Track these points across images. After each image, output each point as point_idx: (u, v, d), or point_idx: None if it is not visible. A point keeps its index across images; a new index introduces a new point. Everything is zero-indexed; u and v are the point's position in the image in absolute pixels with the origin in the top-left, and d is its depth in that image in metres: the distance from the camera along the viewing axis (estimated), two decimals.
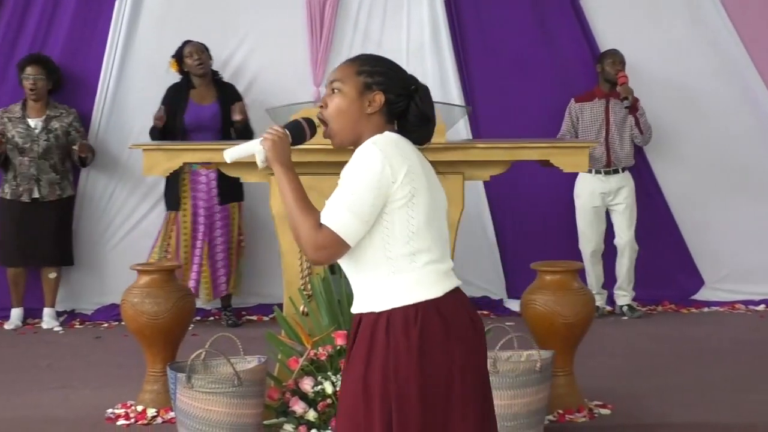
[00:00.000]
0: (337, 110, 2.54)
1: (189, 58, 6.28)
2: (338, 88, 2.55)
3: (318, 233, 2.42)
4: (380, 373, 2.42)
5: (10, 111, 6.35)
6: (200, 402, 3.73)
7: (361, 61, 2.61)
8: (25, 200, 6.28)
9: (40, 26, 6.61)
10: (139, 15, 6.61)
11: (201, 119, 6.24)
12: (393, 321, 2.43)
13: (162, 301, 4.35)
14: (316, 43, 6.67)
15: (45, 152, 6.28)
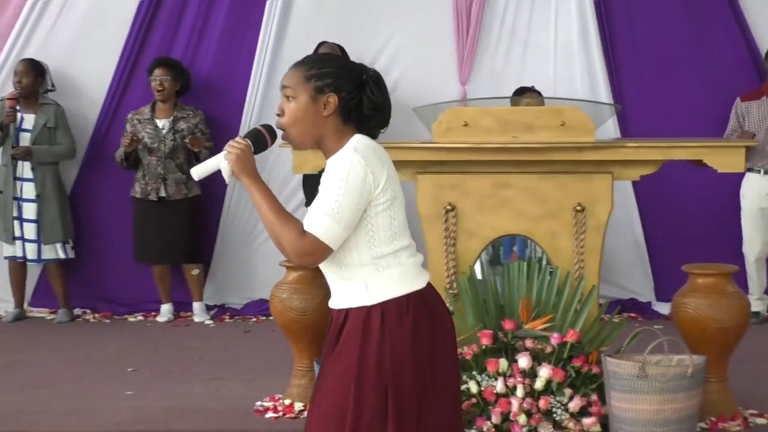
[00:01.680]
0: (293, 118, 2.58)
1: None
2: (291, 95, 2.58)
3: (303, 240, 2.50)
4: (374, 362, 2.51)
5: (140, 113, 6.53)
6: None
7: (307, 65, 2.61)
8: (153, 199, 6.46)
9: (194, 30, 6.79)
10: (288, 19, 6.73)
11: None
12: (387, 312, 2.53)
13: (309, 297, 4.42)
14: (462, 42, 6.66)
15: (171, 152, 6.45)
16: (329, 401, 2.55)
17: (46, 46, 6.76)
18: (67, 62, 6.76)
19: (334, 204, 2.48)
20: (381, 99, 2.61)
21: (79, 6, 6.78)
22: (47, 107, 6.56)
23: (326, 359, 2.64)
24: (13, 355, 5.63)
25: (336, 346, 2.59)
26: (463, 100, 6.39)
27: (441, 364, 2.59)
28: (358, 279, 2.56)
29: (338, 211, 2.48)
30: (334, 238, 2.49)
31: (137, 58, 6.75)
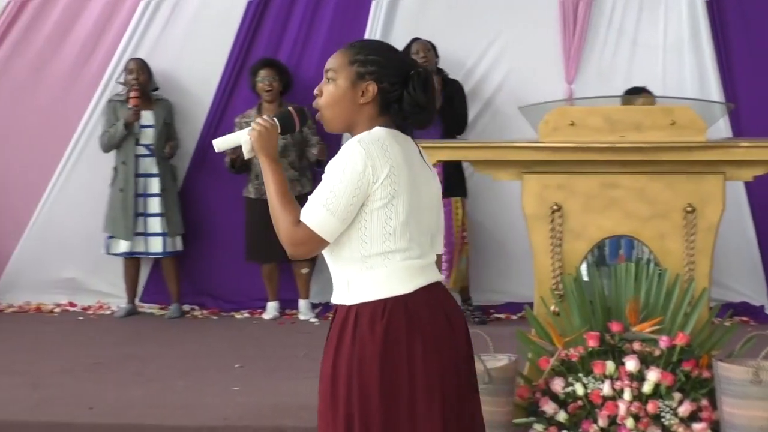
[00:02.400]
0: (330, 99, 2.55)
1: (415, 55, 6.37)
2: (332, 77, 2.54)
3: (296, 229, 2.49)
4: (346, 365, 2.46)
5: (246, 116, 6.59)
6: None
7: (355, 49, 2.56)
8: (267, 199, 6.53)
9: (300, 31, 6.87)
10: (393, 20, 6.76)
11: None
12: (360, 315, 2.46)
13: None
14: (569, 40, 6.60)
15: (282, 151, 6.52)
16: (321, 400, 2.55)
17: (156, 47, 6.91)
18: (176, 63, 6.91)
19: (330, 194, 2.45)
20: (423, 99, 2.53)
21: (189, 7, 6.92)
22: (161, 103, 6.73)
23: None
24: (125, 350, 5.78)
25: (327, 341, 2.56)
26: (570, 99, 6.32)
27: (423, 376, 2.45)
28: (344, 275, 2.52)
29: (334, 202, 2.44)
30: (328, 230, 2.46)
31: (244, 60, 6.86)
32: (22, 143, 7.05)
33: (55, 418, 4.41)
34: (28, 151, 7.03)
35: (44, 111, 7.02)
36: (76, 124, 6.98)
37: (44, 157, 7.00)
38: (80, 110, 6.95)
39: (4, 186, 7.09)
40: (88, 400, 4.66)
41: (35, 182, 7.04)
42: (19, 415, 4.44)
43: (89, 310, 6.99)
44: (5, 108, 7.08)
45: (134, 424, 4.34)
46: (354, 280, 2.49)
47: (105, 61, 6.95)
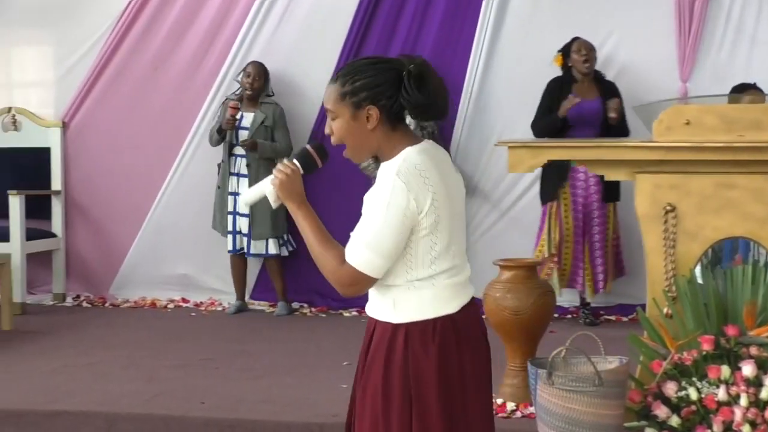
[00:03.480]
0: (341, 137, 2.53)
1: (576, 54, 6.29)
2: (333, 117, 2.54)
3: (342, 271, 2.47)
4: (400, 381, 2.48)
5: None
6: (561, 399, 3.72)
7: (342, 80, 2.51)
8: None
9: (412, 27, 6.89)
10: (504, 15, 6.73)
11: (584, 114, 6.22)
12: (411, 334, 2.49)
13: (524, 296, 4.40)
14: (684, 38, 6.47)
15: None
16: (368, 413, 2.54)
17: (269, 47, 7.01)
18: (288, 63, 6.99)
19: (373, 236, 2.44)
20: (420, 96, 2.46)
21: (301, 6, 7.00)
22: (267, 106, 6.80)
23: (360, 365, 2.61)
24: (236, 346, 5.88)
25: (367, 356, 2.57)
26: (685, 98, 6.20)
27: (470, 388, 2.53)
28: (387, 295, 2.53)
29: (378, 242, 2.44)
30: (375, 269, 2.46)
31: (356, 56, 6.90)
32: (140, 142, 7.24)
33: (168, 411, 4.50)
34: (144, 149, 7.22)
35: (161, 110, 7.19)
36: (191, 122, 7.13)
37: (160, 155, 7.17)
38: (195, 109, 7.10)
39: (122, 184, 7.29)
40: (200, 394, 4.75)
41: (151, 180, 7.22)
42: (135, 408, 4.54)
43: (201, 306, 7.14)
44: (124, 107, 7.28)
45: (245, 419, 4.40)
46: (400, 300, 2.51)
47: (220, 60, 7.09)
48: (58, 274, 7.38)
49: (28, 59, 7.66)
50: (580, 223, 6.25)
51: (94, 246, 7.41)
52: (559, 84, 6.34)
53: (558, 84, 6.34)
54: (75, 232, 7.44)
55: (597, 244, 6.28)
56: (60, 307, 7.27)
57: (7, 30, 7.52)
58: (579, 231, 6.25)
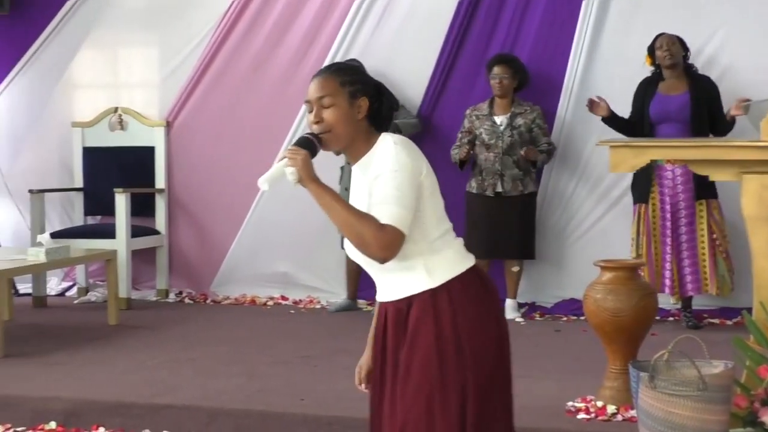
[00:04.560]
0: (335, 122, 2.65)
1: (659, 50, 6.20)
2: (329, 103, 2.65)
3: (384, 233, 2.54)
4: (451, 332, 2.61)
5: (478, 109, 6.63)
6: (663, 403, 3.66)
7: (339, 72, 2.71)
8: (489, 194, 6.53)
9: (511, 26, 6.85)
10: (606, 15, 6.65)
11: (667, 110, 6.12)
12: (453, 290, 2.64)
13: (625, 298, 4.33)
14: None
15: (509, 148, 6.49)
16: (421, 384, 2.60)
17: (368, 46, 7.05)
18: (388, 62, 7.01)
19: (396, 192, 2.56)
20: (386, 108, 2.73)
21: (400, 8, 7.02)
22: None
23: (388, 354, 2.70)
24: (335, 344, 5.91)
25: (405, 337, 2.65)
26: None
27: (505, 331, 2.74)
28: (418, 265, 2.64)
29: (403, 197, 2.56)
30: (406, 223, 2.57)
31: (455, 57, 6.90)
32: (240, 141, 7.36)
33: (269, 407, 4.56)
34: (246, 148, 7.33)
35: (261, 109, 7.30)
36: (290, 122, 7.21)
37: (261, 154, 7.24)
38: (295, 109, 7.17)
39: (223, 182, 7.42)
40: (299, 391, 4.80)
41: (252, 179, 7.23)
42: (235, 404, 4.61)
43: (300, 303, 7.21)
44: (227, 106, 7.41)
45: (343, 417, 4.42)
46: (431, 264, 2.65)
47: (320, 60, 7.13)
48: (162, 270, 7.54)
49: (134, 60, 7.85)
50: (667, 223, 6.13)
51: (196, 243, 7.55)
52: (645, 83, 6.26)
53: (645, 84, 6.26)
54: (178, 229, 7.60)
55: (685, 245, 6.13)
56: (163, 303, 7.43)
57: (113, 32, 7.72)
58: (666, 232, 6.13)
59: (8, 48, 7.85)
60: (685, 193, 6.11)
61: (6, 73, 7.88)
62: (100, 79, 7.88)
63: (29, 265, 6.11)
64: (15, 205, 7.78)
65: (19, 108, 7.90)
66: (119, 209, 7.08)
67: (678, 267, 6.13)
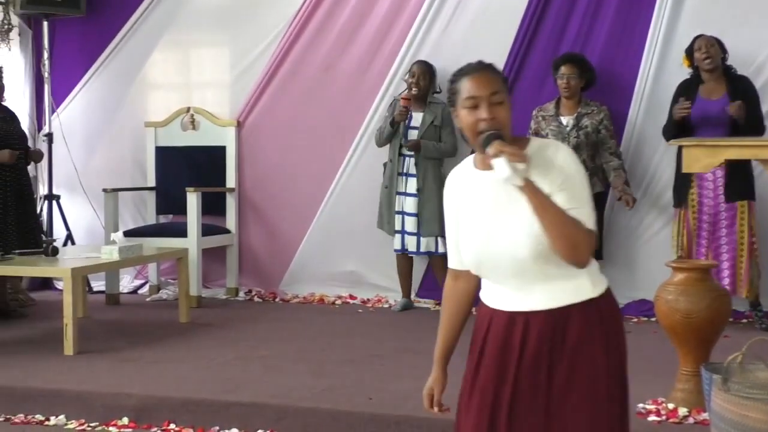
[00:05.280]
0: (506, 119, 2.55)
1: (697, 52, 6.11)
2: (500, 100, 2.54)
3: (592, 237, 2.47)
4: (616, 346, 2.53)
5: (544, 109, 6.58)
6: (736, 407, 3.61)
7: (497, 71, 2.62)
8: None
9: (582, 25, 6.79)
10: (680, 13, 6.55)
11: (707, 114, 6.04)
12: (610, 298, 2.58)
13: (697, 299, 4.27)
14: None
15: (575, 149, 6.43)
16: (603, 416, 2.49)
17: (438, 46, 7.04)
18: (457, 62, 6.90)
19: (588, 195, 2.51)
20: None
21: (471, 6, 7.00)
22: (435, 106, 6.83)
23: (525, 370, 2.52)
24: (402, 343, 5.93)
25: (564, 350, 2.49)
26: None
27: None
28: (582, 272, 2.51)
29: (591, 199, 2.53)
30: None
31: (525, 55, 6.86)
32: (311, 141, 7.41)
33: (336, 406, 4.57)
34: (316, 148, 7.38)
35: (331, 110, 7.33)
36: (360, 121, 7.24)
37: (330, 153, 7.31)
38: (365, 108, 7.21)
39: (293, 182, 7.47)
40: (367, 390, 4.82)
41: (321, 178, 7.36)
42: (304, 402, 4.64)
43: (368, 303, 7.24)
44: (297, 106, 7.46)
45: (411, 416, 4.42)
46: (593, 273, 2.55)
47: (389, 60, 7.17)
48: (232, 269, 7.62)
49: (206, 61, 7.95)
50: (704, 225, 6.03)
51: (266, 242, 7.61)
52: (685, 85, 6.18)
53: (684, 85, 6.19)
54: (248, 228, 7.67)
55: (724, 247, 6.04)
56: (233, 301, 7.51)
57: (186, 33, 7.83)
58: (704, 234, 6.03)
59: (84, 49, 8.01)
60: (725, 194, 6.01)
61: (82, 75, 8.04)
62: (173, 79, 7.99)
63: (103, 263, 6.22)
64: (90, 204, 7.92)
65: (94, 108, 8.05)
66: (190, 208, 7.17)
67: (716, 270, 6.03)
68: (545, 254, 2.48)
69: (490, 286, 2.65)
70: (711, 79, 6.13)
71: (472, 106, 2.54)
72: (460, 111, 2.58)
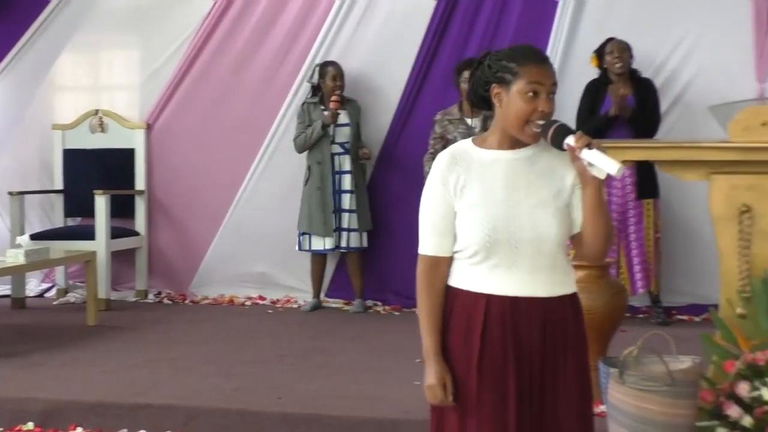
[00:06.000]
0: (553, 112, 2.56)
1: (609, 55, 6.31)
2: (554, 92, 2.55)
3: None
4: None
5: (449, 113, 6.67)
6: (632, 398, 3.72)
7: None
8: None
9: (488, 30, 6.92)
10: (580, 19, 6.75)
11: (620, 114, 6.21)
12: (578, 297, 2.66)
13: (595, 296, 4.39)
14: (761, 38, 6.42)
15: None
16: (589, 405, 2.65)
17: (348, 49, 7.12)
18: (367, 64, 7.09)
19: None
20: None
21: (380, 8, 7.09)
22: (353, 103, 6.94)
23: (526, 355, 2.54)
24: (312, 343, 5.98)
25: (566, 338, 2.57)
26: (762, 99, 6.14)
27: None
28: (568, 265, 2.64)
29: None
30: None
31: (432, 60, 6.97)
32: (220, 144, 7.41)
33: (246, 406, 4.59)
34: (226, 150, 7.38)
35: (241, 112, 7.35)
36: (270, 125, 7.27)
37: (240, 156, 7.33)
38: (275, 110, 7.24)
39: (203, 184, 7.47)
40: (277, 390, 4.85)
41: (231, 180, 7.37)
42: (214, 403, 4.65)
43: (277, 303, 7.27)
44: (207, 108, 7.45)
45: (320, 415, 4.47)
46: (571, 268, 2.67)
47: (299, 62, 7.22)
48: (141, 271, 7.58)
49: (115, 63, 7.88)
50: (614, 222, 6.23)
51: (176, 244, 7.59)
52: (596, 85, 6.36)
53: (595, 85, 6.36)
54: (157, 230, 7.64)
55: (634, 243, 6.26)
56: (142, 303, 7.47)
57: (95, 34, 7.75)
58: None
59: None
60: (633, 193, 6.23)
61: None
62: (82, 80, 7.91)
63: (8, 267, 6.13)
64: None
65: (0, 110, 7.92)
66: (99, 211, 7.12)
67: (628, 266, 6.24)
68: (564, 241, 2.56)
69: (487, 269, 2.56)
70: (619, 81, 6.33)
71: (534, 92, 2.51)
72: (513, 93, 2.53)
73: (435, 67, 6.98)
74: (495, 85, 2.57)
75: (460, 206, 2.59)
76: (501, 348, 2.54)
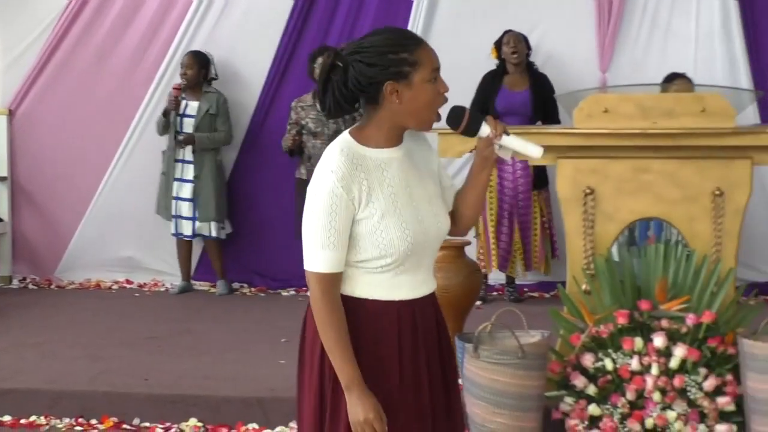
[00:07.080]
0: None
1: (506, 46, 6.49)
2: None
3: None
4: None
5: (302, 100, 6.73)
6: (486, 372, 3.88)
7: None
8: None
9: (347, 22, 7.06)
10: (434, 15, 6.95)
11: (512, 105, 6.44)
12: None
13: (452, 275, 4.59)
14: (603, 31, 6.75)
15: (334, 134, 6.65)
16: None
17: (211, 39, 7.15)
18: (230, 54, 7.14)
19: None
20: None
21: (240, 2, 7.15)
22: (210, 95, 6.95)
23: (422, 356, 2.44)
24: (179, 325, 6.03)
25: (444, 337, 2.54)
26: (604, 87, 6.43)
27: None
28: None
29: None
30: None
31: (293, 50, 7.08)
32: (85, 130, 7.34)
33: (112, 388, 4.65)
34: (89, 137, 7.33)
35: (106, 99, 7.30)
36: (135, 111, 7.25)
37: (105, 142, 7.28)
38: (139, 98, 7.22)
39: (68, 170, 7.39)
40: (143, 371, 4.90)
41: (96, 166, 7.32)
42: (80, 386, 4.68)
43: (145, 287, 7.28)
44: (69, 96, 7.37)
45: (186, 395, 4.56)
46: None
47: (163, 50, 7.22)
48: (5, 257, 7.47)
49: None
50: (504, 212, 6.46)
51: (41, 230, 7.51)
52: (491, 77, 6.56)
53: (490, 77, 6.56)
54: (21, 216, 7.53)
55: (524, 225, 6.49)
56: (6, 288, 7.37)
57: None
58: (506, 216, 6.45)
59: None
60: (524, 185, 6.44)
61: None
62: None
63: None
64: None
65: None
66: None
67: (524, 250, 6.47)
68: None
69: (394, 275, 2.38)
70: (516, 72, 6.52)
71: (435, 78, 2.34)
72: (417, 84, 2.32)
73: (297, 57, 7.07)
74: (390, 83, 2.32)
75: (364, 215, 2.33)
76: (414, 355, 2.41)
